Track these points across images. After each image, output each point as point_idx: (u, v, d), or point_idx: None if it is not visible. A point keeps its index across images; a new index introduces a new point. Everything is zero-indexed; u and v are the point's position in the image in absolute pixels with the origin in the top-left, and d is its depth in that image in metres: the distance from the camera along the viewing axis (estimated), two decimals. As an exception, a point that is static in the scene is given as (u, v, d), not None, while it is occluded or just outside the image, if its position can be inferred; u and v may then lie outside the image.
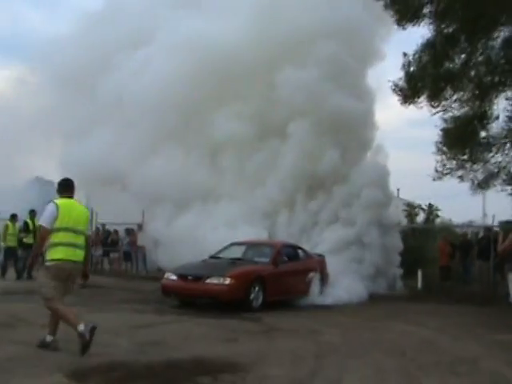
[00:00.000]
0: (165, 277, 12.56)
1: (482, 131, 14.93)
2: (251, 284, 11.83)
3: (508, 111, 14.68)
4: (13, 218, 17.19)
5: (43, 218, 6.78)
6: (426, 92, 14.99)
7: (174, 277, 12.14)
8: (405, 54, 15.50)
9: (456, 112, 14.72)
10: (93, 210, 20.51)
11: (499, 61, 14.60)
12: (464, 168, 14.23)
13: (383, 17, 16.00)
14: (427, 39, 15.31)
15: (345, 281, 14.61)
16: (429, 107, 15.13)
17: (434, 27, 15.51)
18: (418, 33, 15.69)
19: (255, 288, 11.89)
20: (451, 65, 14.63)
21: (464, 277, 17.41)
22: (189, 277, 11.91)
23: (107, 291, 14.65)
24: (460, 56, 14.64)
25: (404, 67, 15.54)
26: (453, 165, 14.16)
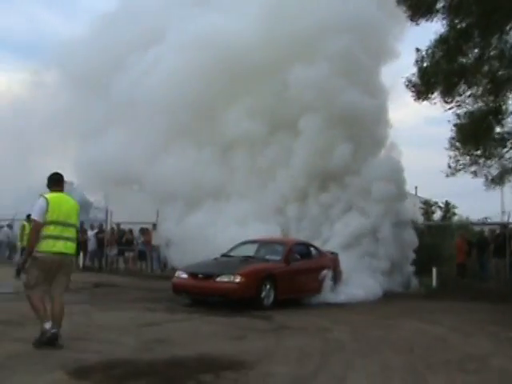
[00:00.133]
0: (176, 275, 12.55)
1: (497, 126, 14.72)
2: (262, 282, 11.76)
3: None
4: (29, 218, 17.30)
5: (34, 213, 6.95)
6: (440, 88, 14.81)
7: (185, 275, 12.11)
8: (418, 50, 15.34)
9: (470, 107, 14.53)
10: (108, 210, 20.70)
11: (513, 55, 14.40)
12: (477, 164, 14.03)
13: (396, 14, 15.85)
14: (440, 34, 15.15)
15: (358, 278, 14.50)
16: (442, 103, 14.94)
17: (448, 22, 15.33)
18: (432, 28, 15.50)
19: (266, 286, 11.82)
20: (464, 60, 14.43)
21: (480, 274, 17.21)
22: (199, 275, 11.88)
23: (121, 290, 14.72)
24: (473, 51, 14.44)
25: (417, 63, 15.38)
26: (466, 160, 13.98)
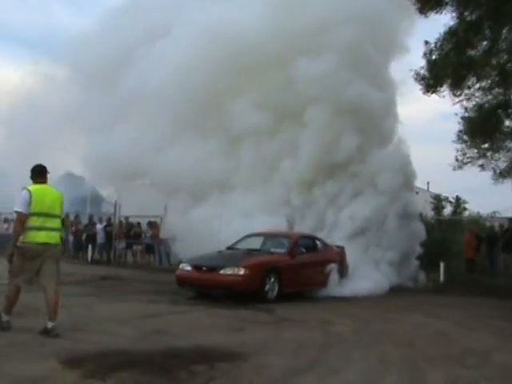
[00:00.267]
0: (180, 267, 12.54)
1: (507, 120, 14.52)
2: (266, 275, 11.70)
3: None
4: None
5: (18, 205, 7.05)
6: (448, 80, 14.66)
7: (189, 267, 12.09)
8: (426, 42, 15.26)
9: (479, 100, 14.34)
10: (116, 203, 20.74)
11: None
12: (485, 157, 13.86)
13: (406, 7, 15.67)
14: (449, 27, 15.00)
15: (364, 272, 14.40)
16: (451, 96, 14.79)
17: (457, 14, 15.18)
18: (441, 21, 15.34)
19: (270, 279, 11.76)
20: (473, 52, 14.26)
21: (490, 270, 17.02)
22: (203, 267, 11.85)
23: (126, 283, 14.73)
24: (482, 43, 14.26)
25: (426, 56, 15.26)
26: (474, 154, 13.81)
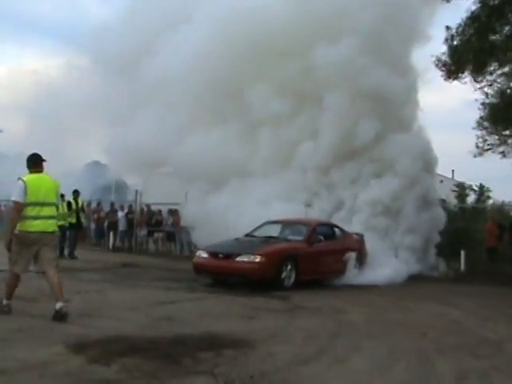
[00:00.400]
0: (196, 255, 12.60)
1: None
2: (283, 262, 11.67)
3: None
4: (61, 198, 17.66)
5: (15, 194, 7.23)
6: (470, 66, 14.37)
7: (205, 255, 12.12)
8: (448, 28, 14.94)
9: (501, 86, 14.04)
10: (137, 191, 20.89)
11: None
12: (506, 144, 13.57)
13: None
14: (472, 12, 14.66)
15: (383, 260, 14.27)
16: (473, 82, 14.51)
17: (480, -1, 14.83)
18: (462, 6, 15.03)
19: (287, 267, 11.74)
20: (496, 37, 13.95)
21: (512, 259, 16.71)
22: (219, 255, 11.86)
23: (146, 270, 14.81)
24: (505, 28, 13.93)
25: (447, 41, 14.96)
26: (494, 140, 13.53)
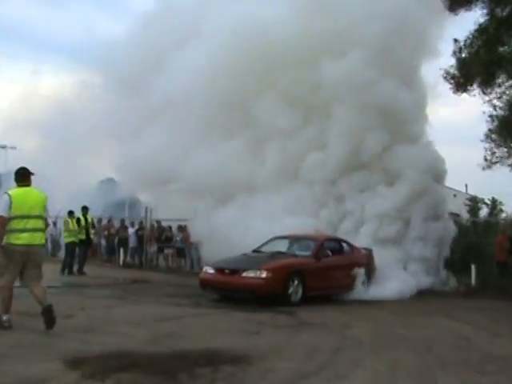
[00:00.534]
0: (203, 270, 12.57)
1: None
2: (289, 278, 11.59)
3: None
4: (71, 215, 17.76)
5: (0, 209, 7.27)
6: (479, 79, 14.30)
7: (212, 270, 12.07)
8: (456, 40, 14.88)
9: (510, 98, 13.94)
10: (147, 207, 20.94)
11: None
12: (515, 156, 13.46)
13: (435, 7, 15.36)
14: (480, 24, 14.62)
15: (392, 275, 14.13)
16: (482, 95, 14.42)
17: (488, 11, 14.81)
18: (469, 18, 14.97)
19: (294, 282, 11.64)
20: (504, 49, 13.89)
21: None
22: (226, 270, 11.81)
23: (154, 286, 14.77)
24: (512, 40, 13.89)
25: (455, 54, 14.90)
26: (503, 153, 13.40)
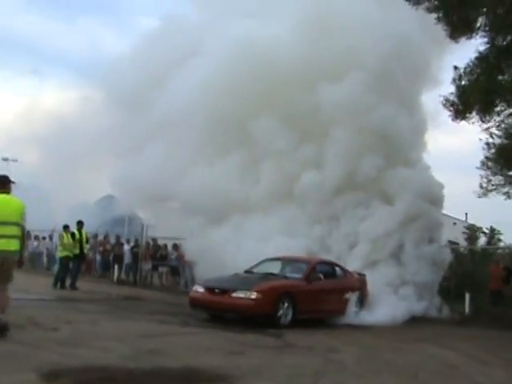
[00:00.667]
0: (193, 289, 12.47)
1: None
2: (279, 299, 11.46)
3: None
4: (66, 229, 17.74)
5: None
6: (477, 106, 14.27)
7: (202, 289, 11.96)
8: (455, 68, 14.83)
9: (508, 127, 13.89)
10: (143, 225, 20.89)
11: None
12: (511, 184, 13.35)
13: (435, 35, 15.44)
14: (480, 52, 14.62)
15: (385, 301, 14.00)
16: (480, 123, 14.36)
17: (489, 40, 14.81)
18: (468, 45, 14.99)
19: (284, 304, 11.51)
20: (503, 77, 13.88)
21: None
22: (216, 289, 11.69)
23: (145, 303, 14.68)
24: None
25: (455, 81, 14.87)
26: (499, 180, 13.32)
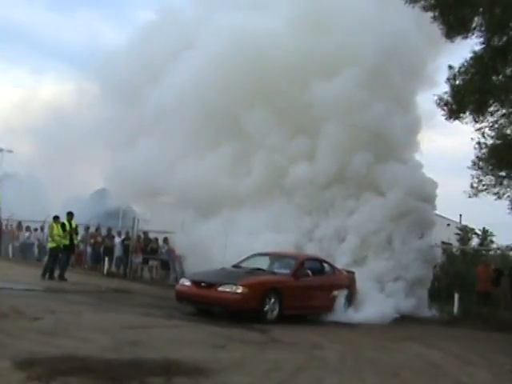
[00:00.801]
0: (180, 282, 12.43)
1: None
2: (266, 295, 11.43)
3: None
4: (56, 220, 17.69)
5: None
6: (471, 106, 14.21)
7: (188, 282, 11.92)
8: (450, 67, 14.77)
9: (501, 127, 13.84)
10: (134, 218, 20.81)
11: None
12: (501, 184, 13.30)
13: (431, 34, 15.40)
14: (475, 52, 14.56)
15: (374, 299, 13.98)
16: (473, 122, 14.31)
17: (484, 40, 14.76)
18: (463, 45, 14.94)
19: (270, 299, 11.48)
20: (497, 77, 13.83)
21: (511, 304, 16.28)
22: (202, 283, 11.65)
23: (132, 296, 14.59)
24: (506, 69, 13.80)
25: (449, 80, 14.81)
26: (490, 181, 13.27)
